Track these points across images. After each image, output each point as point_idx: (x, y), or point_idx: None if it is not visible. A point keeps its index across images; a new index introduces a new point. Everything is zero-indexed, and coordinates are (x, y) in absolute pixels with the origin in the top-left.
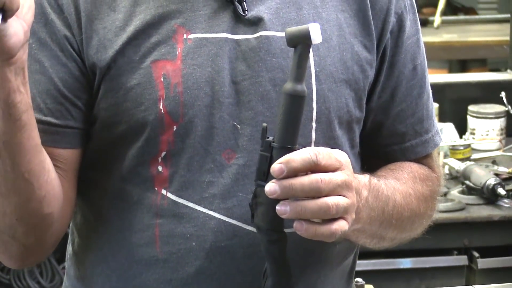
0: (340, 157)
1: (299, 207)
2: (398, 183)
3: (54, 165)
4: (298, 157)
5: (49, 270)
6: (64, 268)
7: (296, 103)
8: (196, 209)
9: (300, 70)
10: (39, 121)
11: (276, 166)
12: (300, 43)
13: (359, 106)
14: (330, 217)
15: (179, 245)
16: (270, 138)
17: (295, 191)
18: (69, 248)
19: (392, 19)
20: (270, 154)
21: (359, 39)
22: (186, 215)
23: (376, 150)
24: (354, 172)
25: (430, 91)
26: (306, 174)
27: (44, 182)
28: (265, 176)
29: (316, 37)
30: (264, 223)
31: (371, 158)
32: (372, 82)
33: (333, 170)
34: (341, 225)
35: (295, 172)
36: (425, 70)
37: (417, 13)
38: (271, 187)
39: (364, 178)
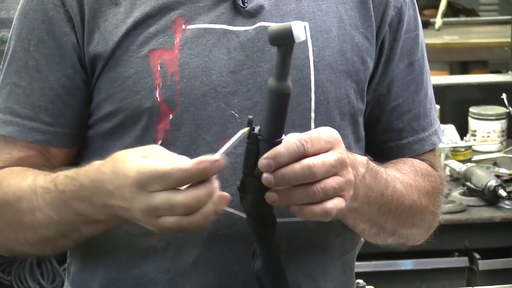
0: (330, 137)
1: (286, 195)
2: (399, 173)
3: (45, 163)
4: (285, 151)
5: (50, 271)
6: (65, 269)
7: (281, 100)
8: None
9: (284, 69)
10: (32, 119)
11: (263, 162)
12: (283, 43)
13: (362, 98)
14: (320, 200)
15: (177, 234)
16: (256, 130)
17: (288, 180)
18: None
19: (391, 12)
20: (257, 147)
21: (360, 30)
22: None
23: (373, 147)
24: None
25: (431, 91)
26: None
27: None
28: (253, 167)
29: (300, 34)
30: (254, 209)
31: (369, 156)
32: (370, 74)
33: (325, 152)
34: (336, 203)
35: (283, 165)
36: (424, 69)
37: (419, 14)
38: (267, 178)
39: (362, 157)
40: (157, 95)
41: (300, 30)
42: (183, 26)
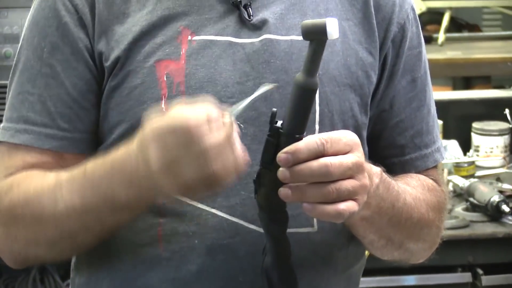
0: (350, 140)
1: (300, 191)
2: (408, 186)
3: (58, 169)
4: (304, 147)
5: (53, 286)
6: (68, 285)
7: (307, 96)
8: (198, 207)
9: (313, 64)
10: (48, 125)
11: (282, 156)
12: (315, 38)
13: (365, 112)
14: (332, 201)
15: (181, 243)
16: (279, 124)
17: (304, 177)
18: (73, 259)
19: (394, 29)
20: (277, 140)
21: (364, 45)
22: (188, 213)
23: (375, 163)
24: None
25: (433, 109)
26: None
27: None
28: (271, 160)
29: (333, 32)
30: (267, 203)
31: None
32: (374, 89)
33: (344, 153)
34: (349, 206)
35: (301, 162)
36: (427, 86)
37: (421, 30)
38: (283, 172)
39: (377, 168)
40: (163, 106)
41: (334, 28)
42: (189, 37)
